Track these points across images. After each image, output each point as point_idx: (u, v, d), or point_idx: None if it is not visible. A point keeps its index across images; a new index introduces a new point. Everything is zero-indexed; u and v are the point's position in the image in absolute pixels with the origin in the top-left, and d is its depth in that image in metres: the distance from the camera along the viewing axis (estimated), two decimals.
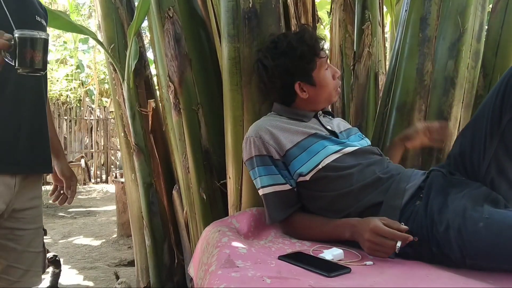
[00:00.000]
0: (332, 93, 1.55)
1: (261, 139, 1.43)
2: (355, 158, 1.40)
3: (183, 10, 2.04)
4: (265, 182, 1.43)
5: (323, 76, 1.52)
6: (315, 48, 1.50)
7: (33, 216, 1.41)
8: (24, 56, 1.09)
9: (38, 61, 1.11)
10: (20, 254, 1.38)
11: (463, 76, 1.75)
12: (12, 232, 1.35)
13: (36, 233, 1.43)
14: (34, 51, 1.10)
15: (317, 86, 1.51)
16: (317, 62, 1.50)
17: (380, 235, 1.14)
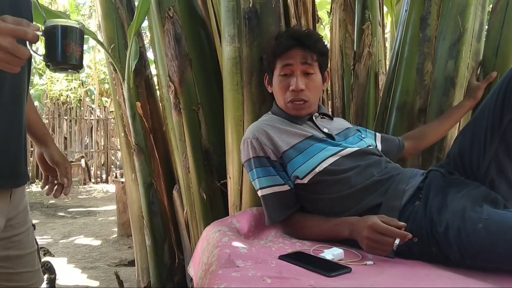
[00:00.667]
0: (284, 104, 1.50)
1: (258, 140, 1.43)
2: (353, 160, 1.40)
3: (183, 10, 2.04)
4: (264, 183, 1.43)
5: (277, 80, 1.51)
6: (278, 47, 1.49)
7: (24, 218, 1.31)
8: (57, 49, 0.94)
9: (73, 54, 0.94)
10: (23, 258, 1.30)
11: (463, 76, 1.75)
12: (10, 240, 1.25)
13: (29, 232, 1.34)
14: (69, 42, 0.94)
15: (273, 87, 1.54)
16: (275, 63, 1.50)
17: (378, 232, 1.14)
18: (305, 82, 1.47)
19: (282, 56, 1.48)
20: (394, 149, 1.64)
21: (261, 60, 1.60)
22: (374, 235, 1.15)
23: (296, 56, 1.47)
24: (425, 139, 1.69)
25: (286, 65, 1.47)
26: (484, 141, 1.27)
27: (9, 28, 0.84)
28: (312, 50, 1.49)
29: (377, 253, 1.16)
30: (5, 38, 0.84)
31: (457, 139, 1.42)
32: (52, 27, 0.93)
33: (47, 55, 0.94)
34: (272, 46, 1.51)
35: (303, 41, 1.48)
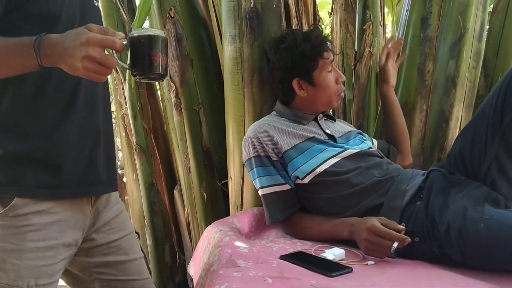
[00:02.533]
0: (332, 97, 1.52)
1: (259, 140, 1.43)
2: (354, 162, 1.40)
3: (184, 10, 2.04)
4: (264, 183, 1.43)
5: (324, 77, 1.50)
6: (319, 48, 1.49)
7: (121, 223, 1.27)
8: (144, 59, 0.91)
9: (160, 63, 0.91)
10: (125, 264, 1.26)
11: (464, 76, 1.75)
12: (108, 246, 1.23)
13: (131, 238, 1.30)
14: (156, 51, 0.91)
15: (317, 86, 1.50)
16: (319, 62, 1.49)
17: (376, 234, 1.14)
18: None
19: (324, 54, 1.49)
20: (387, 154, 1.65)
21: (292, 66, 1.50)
22: (372, 238, 1.15)
23: (330, 52, 1.52)
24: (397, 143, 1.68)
25: (332, 61, 1.52)
26: (485, 141, 1.27)
27: (98, 38, 0.84)
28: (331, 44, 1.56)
29: (375, 256, 1.16)
30: (94, 48, 0.84)
31: (458, 139, 1.42)
32: (139, 37, 0.91)
33: (133, 65, 0.93)
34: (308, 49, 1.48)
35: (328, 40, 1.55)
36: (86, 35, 0.84)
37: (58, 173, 1.07)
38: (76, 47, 0.83)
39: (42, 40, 0.86)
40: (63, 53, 0.85)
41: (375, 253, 1.16)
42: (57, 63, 0.87)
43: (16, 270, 1.03)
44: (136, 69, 0.92)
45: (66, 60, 0.85)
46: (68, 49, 0.84)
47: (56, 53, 0.86)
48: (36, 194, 1.04)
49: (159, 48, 0.92)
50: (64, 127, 1.08)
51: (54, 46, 0.86)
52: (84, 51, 0.83)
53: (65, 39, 0.85)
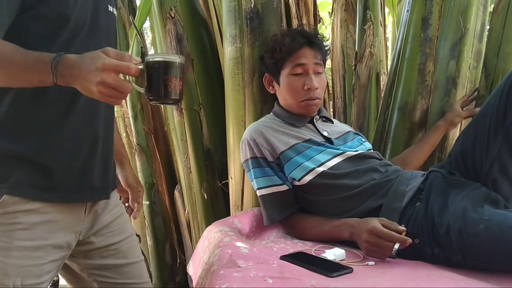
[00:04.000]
0: (295, 103, 1.48)
1: (255, 141, 1.43)
2: (352, 164, 1.39)
3: (184, 10, 2.04)
4: (262, 184, 1.43)
5: (288, 79, 1.48)
6: (287, 47, 1.46)
7: (120, 226, 1.26)
8: (159, 84, 0.91)
9: (174, 88, 0.92)
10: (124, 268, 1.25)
11: (465, 76, 1.75)
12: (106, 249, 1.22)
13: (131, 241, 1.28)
14: (170, 77, 0.91)
15: (281, 87, 1.51)
16: (285, 62, 1.48)
17: (378, 236, 1.14)
18: (317, 81, 1.47)
19: (293, 55, 1.46)
20: None
21: (261, 60, 1.58)
22: (373, 239, 1.15)
23: (308, 55, 1.47)
24: (407, 164, 1.61)
25: (299, 64, 1.46)
26: (487, 140, 1.27)
27: (113, 64, 0.84)
28: (320, 49, 1.51)
29: (376, 257, 1.16)
30: (109, 74, 0.84)
31: (459, 139, 1.42)
32: (154, 62, 0.91)
33: (148, 89, 0.92)
34: (280, 45, 1.47)
35: (314, 40, 1.50)
36: (102, 60, 0.84)
37: (50, 176, 1.06)
38: (91, 71, 0.84)
39: (59, 60, 0.87)
40: (78, 76, 0.86)
41: (376, 254, 1.16)
42: (72, 83, 0.88)
43: (2, 268, 1.01)
44: (151, 94, 0.92)
45: (81, 82, 0.86)
46: (83, 73, 0.85)
47: (72, 75, 0.87)
48: (26, 193, 1.03)
49: (174, 74, 0.92)
50: (61, 130, 1.07)
51: (71, 67, 0.86)
52: (99, 77, 0.83)
53: (82, 61, 0.86)
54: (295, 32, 1.52)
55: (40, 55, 0.89)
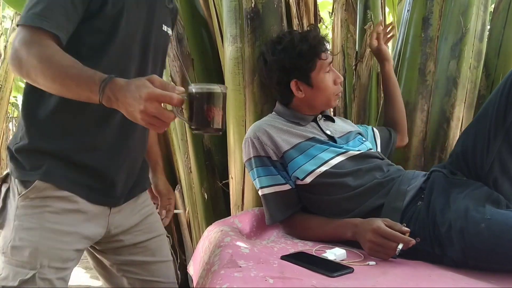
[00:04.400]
0: (330, 98, 1.52)
1: (259, 140, 1.43)
2: (355, 163, 1.40)
3: (185, 10, 2.04)
4: (265, 183, 1.43)
5: (321, 78, 1.49)
6: (316, 49, 1.48)
7: (150, 225, 1.31)
8: (201, 114, 0.92)
9: (216, 118, 0.92)
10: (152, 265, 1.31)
11: (466, 76, 1.75)
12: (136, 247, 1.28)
13: (160, 240, 1.34)
14: (212, 107, 0.92)
15: (314, 87, 1.50)
16: (317, 63, 1.48)
17: (382, 236, 1.14)
18: None
19: (322, 55, 1.49)
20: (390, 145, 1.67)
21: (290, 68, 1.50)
22: (377, 239, 1.15)
23: (327, 54, 1.51)
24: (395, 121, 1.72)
25: (330, 62, 1.51)
26: (487, 140, 1.27)
27: (156, 94, 0.86)
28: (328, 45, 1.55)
29: (380, 257, 1.16)
30: (152, 103, 0.86)
31: (460, 138, 1.42)
32: (196, 93, 0.93)
33: (190, 118, 0.94)
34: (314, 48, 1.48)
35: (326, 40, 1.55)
36: (146, 89, 0.86)
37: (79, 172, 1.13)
38: (135, 99, 0.86)
39: (108, 83, 0.90)
40: (123, 101, 0.89)
41: (379, 254, 1.16)
42: (116, 106, 0.91)
43: (31, 247, 1.07)
44: (193, 124, 0.94)
45: (126, 108, 0.89)
46: (128, 99, 0.88)
47: (117, 99, 0.89)
48: (57, 180, 1.10)
49: (215, 104, 0.93)
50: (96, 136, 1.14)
51: (117, 92, 0.89)
52: (143, 105, 0.86)
53: (128, 88, 0.88)
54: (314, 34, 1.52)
55: (93, 75, 0.93)
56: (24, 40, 0.97)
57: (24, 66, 0.96)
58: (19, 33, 0.99)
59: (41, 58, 0.95)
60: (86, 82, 0.92)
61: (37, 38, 0.97)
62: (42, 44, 0.97)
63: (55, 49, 0.97)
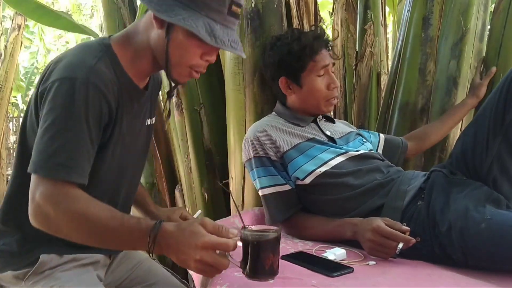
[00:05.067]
0: (320, 102, 1.49)
1: (259, 140, 1.43)
2: (355, 164, 1.39)
3: None
4: (265, 183, 1.43)
5: (312, 80, 1.48)
6: (308, 50, 1.46)
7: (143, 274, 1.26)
8: (257, 262, 0.90)
9: (270, 266, 0.90)
10: None
11: (466, 76, 1.75)
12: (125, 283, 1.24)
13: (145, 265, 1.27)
14: (266, 255, 0.90)
15: (303, 88, 1.49)
16: (308, 64, 1.47)
17: (382, 235, 1.14)
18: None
19: (316, 57, 1.47)
20: (397, 151, 1.63)
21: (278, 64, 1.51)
22: (377, 238, 1.15)
23: (327, 55, 1.49)
24: (427, 139, 1.67)
25: (324, 65, 1.48)
26: (486, 140, 1.27)
27: (213, 242, 0.84)
28: (331, 49, 1.54)
29: (380, 256, 1.16)
30: (207, 252, 0.83)
31: (459, 139, 1.42)
32: (253, 239, 0.90)
33: (245, 265, 0.91)
34: (303, 49, 1.47)
35: (328, 41, 1.53)
36: (202, 238, 0.83)
37: None
38: (191, 247, 0.83)
39: (158, 232, 0.85)
40: (176, 249, 0.85)
41: (379, 253, 1.16)
42: (167, 253, 0.87)
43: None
44: (247, 270, 0.91)
45: (178, 255, 0.85)
46: (182, 246, 0.84)
47: (169, 246, 0.85)
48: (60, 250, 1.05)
49: (271, 251, 0.91)
50: None
51: (169, 239, 0.85)
52: (199, 255, 0.83)
53: (180, 234, 0.85)
54: (312, 34, 1.52)
55: (137, 223, 0.88)
56: (49, 195, 0.89)
57: (54, 223, 0.90)
58: (38, 184, 0.90)
59: (74, 214, 0.89)
60: (130, 233, 0.87)
61: (63, 191, 0.90)
62: (71, 197, 0.90)
63: (87, 200, 0.91)
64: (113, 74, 1.01)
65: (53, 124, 0.93)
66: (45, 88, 0.96)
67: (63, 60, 0.99)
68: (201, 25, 0.97)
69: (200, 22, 0.97)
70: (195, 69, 1.06)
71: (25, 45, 8.26)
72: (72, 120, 0.93)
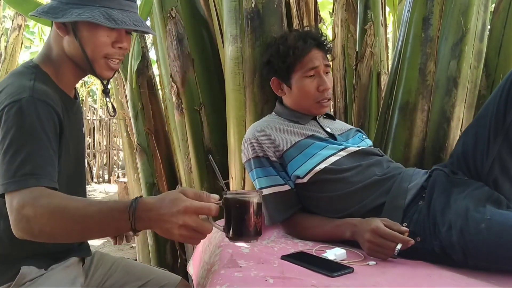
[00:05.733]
0: (310, 104, 1.49)
1: (258, 141, 1.43)
2: (355, 160, 1.40)
3: (185, 10, 2.04)
4: (264, 184, 1.43)
5: (301, 82, 1.48)
6: (295, 51, 1.46)
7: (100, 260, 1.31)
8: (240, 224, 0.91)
9: (254, 227, 0.91)
10: None
11: (466, 76, 1.75)
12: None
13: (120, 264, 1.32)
14: (249, 217, 0.90)
15: (293, 89, 1.50)
16: (295, 65, 1.47)
17: (380, 236, 1.14)
18: (328, 81, 1.49)
19: (305, 58, 1.47)
20: None
21: (267, 64, 1.55)
22: (376, 239, 1.15)
23: (318, 57, 1.48)
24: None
25: (313, 67, 1.47)
26: (487, 140, 1.27)
27: (195, 206, 0.84)
28: (327, 50, 1.53)
29: (378, 257, 1.16)
30: (190, 216, 0.84)
31: (460, 139, 1.42)
32: (234, 202, 0.91)
33: (228, 228, 0.91)
34: (291, 49, 1.47)
35: (321, 42, 1.52)
36: (183, 203, 0.84)
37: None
38: (173, 214, 0.84)
39: (137, 206, 0.86)
40: (158, 219, 0.85)
41: (378, 254, 1.16)
42: (150, 227, 0.88)
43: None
44: (231, 233, 0.91)
45: (161, 225, 0.85)
46: (164, 216, 0.84)
47: (151, 218, 0.86)
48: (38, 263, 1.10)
49: (254, 212, 0.91)
50: None
51: (149, 211, 0.85)
52: (181, 220, 0.83)
53: (161, 204, 0.85)
54: (304, 34, 1.51)
55: (115, 204, 0.89)
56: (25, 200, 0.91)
57: (36, 224, 0.90)
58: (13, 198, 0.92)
59: (53, 208, 0.90)
60: (110, 215, 0.88)
61: (37, 193, 0.92)
62: (46, 195, 0.92)
63: (59, 195, 0.93)
64: (51, 89, 1.07)
65: (10, 145, 0.96)
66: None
67: (1, 93, 1.02)
68: (98, 14, 1.04)
69: (96, 12, 1.04)
70: (110, 58, 1.11)
71: (25, 45, 8.27)
72: (28, 134, 0.97)
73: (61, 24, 1.07)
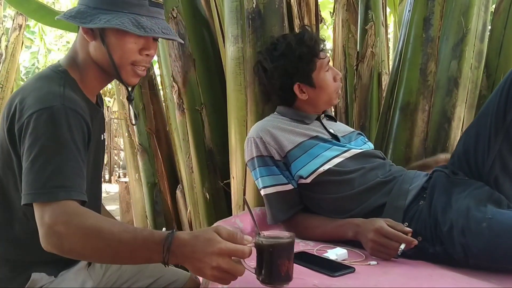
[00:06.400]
0: (332, 95, 1.53)
1: (262, 140, 1.43)
2: (358, 162, 1.40)
3: (186, 10, 2.04)
4: (267, 183, 1.43)
5: (323, 77, 1.50)
6: (315, 49, 1.49)
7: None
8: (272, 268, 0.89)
9: (285, 272, 0.90)
10: None
11: (467, 76, 1.75)
12: None
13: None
14: (282, 261, 0.89)
15: (317, 87, 1.50)
16: (316, 63, 1.49)
17: (384, 236, 1.15)
18: None
19: (319, 55, 1.50)
20: None
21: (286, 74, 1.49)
22: (380, 239, 1.15)
23: (324, 52, 1.53)
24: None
25: (328, 61, 1.53)
26: (488, 139, 1.27)
27: (229, 249, 0.83)
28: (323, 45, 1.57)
29: (381, 257, 1.16)
30: (224, 258, 0.83)
31: (461, 138, 1.42)
32: (268, 246, 0.90)
33: (259, 271, 0.91)
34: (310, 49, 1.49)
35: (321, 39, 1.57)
36: (218, 245, 0.83)
37: None
38: (206, 255, 0.83)
39: (172, 241, 0.85)
40: (191, 257, 0.84)
41: (381, 254, 1.16)
42: (183, 263, 0.87)
43: None
44: (262, 276, 0.91)
45: (194, 264, 0.85)
46: (198, 254, 0.84)
47: (184, 255, 0.85)
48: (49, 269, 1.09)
49: (286, 257, 0.90)
50: None
51: (183, 247, 0.85)
52: (215, 262, 0.82)
53: (195, 242, 0.84)
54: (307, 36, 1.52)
55: (151, 234, 0.88)
56: (58, 214, 0.89)
57: (67, 241, 0.89)
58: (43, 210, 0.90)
59: (87, 229, 0.88)
60: (144, 245, 0.87)
61: (70, 209, 0.91)
62: (80, 213, 0.90)
63: (93, 215, 0.91)
64: (79, 96, 1.06)
65: (40, 153, 0.94)
66: (21, 125, 0.97)
67: (28, 97, 1.00)
68: (127, 21, 1.02)
69: (125, 19, 1.03)
70: (137, 65, 1.11)
71: (26, 45, 8.26)
72: (59, 144, 0.95)
73: (88, 29, 1.05)
